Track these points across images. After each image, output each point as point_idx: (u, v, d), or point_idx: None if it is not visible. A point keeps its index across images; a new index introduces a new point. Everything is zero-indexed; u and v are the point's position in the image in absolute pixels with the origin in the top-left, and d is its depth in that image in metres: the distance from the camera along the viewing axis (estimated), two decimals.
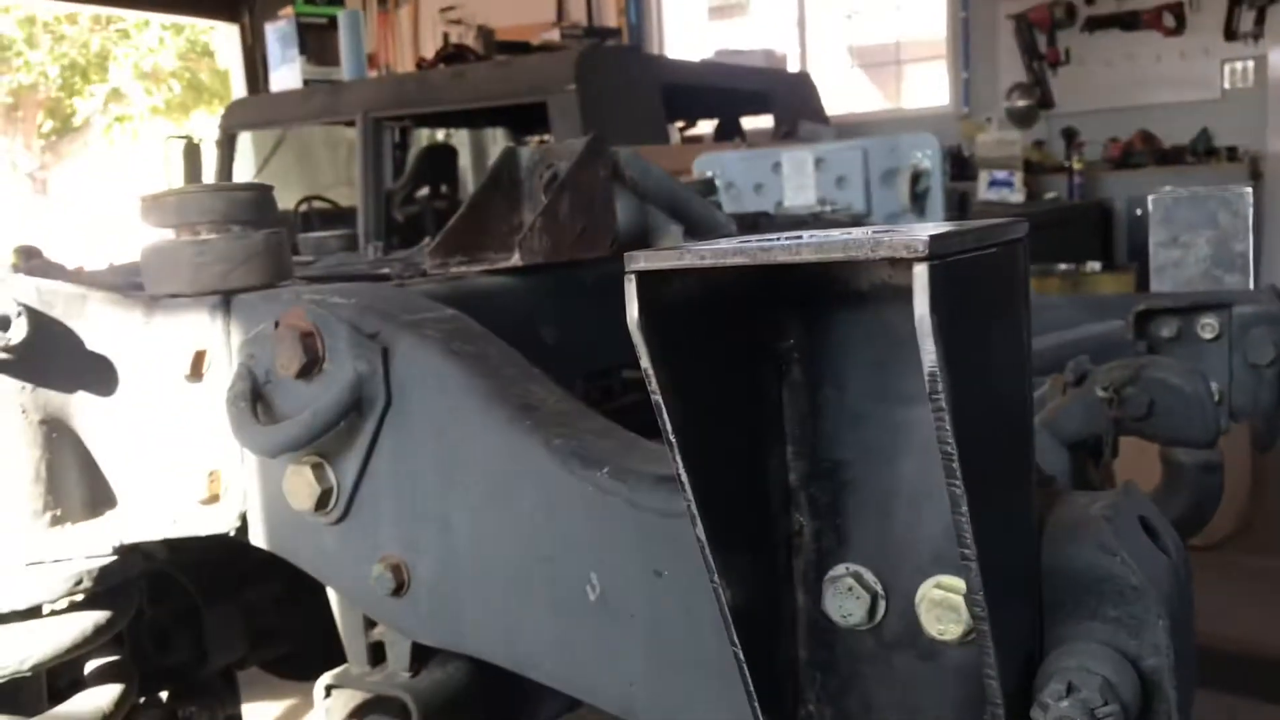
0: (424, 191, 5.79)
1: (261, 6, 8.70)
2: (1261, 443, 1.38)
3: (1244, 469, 3.92)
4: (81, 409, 0.87)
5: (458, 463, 0.77)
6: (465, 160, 7.75)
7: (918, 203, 2.43)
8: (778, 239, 0.46)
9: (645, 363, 0.46)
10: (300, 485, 0.83)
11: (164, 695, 1.16)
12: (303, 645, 1.15)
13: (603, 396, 1.27)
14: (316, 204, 6.22)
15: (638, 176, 1.36)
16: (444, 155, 5.98)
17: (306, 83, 5.87)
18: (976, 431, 0.42)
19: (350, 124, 5.47)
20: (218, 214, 0.90)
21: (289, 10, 6.06)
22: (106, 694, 0.93)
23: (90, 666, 0.96)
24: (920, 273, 0.39)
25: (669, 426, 0.46)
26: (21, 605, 0.83)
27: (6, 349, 0.80)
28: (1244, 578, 3.49)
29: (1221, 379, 1.39)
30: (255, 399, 0.84)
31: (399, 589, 0.81)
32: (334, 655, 1.02)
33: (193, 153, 5.75)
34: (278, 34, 6.01)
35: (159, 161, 6.56)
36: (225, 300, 0.89)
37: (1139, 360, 1.02)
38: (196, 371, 0.88)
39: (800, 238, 0.46)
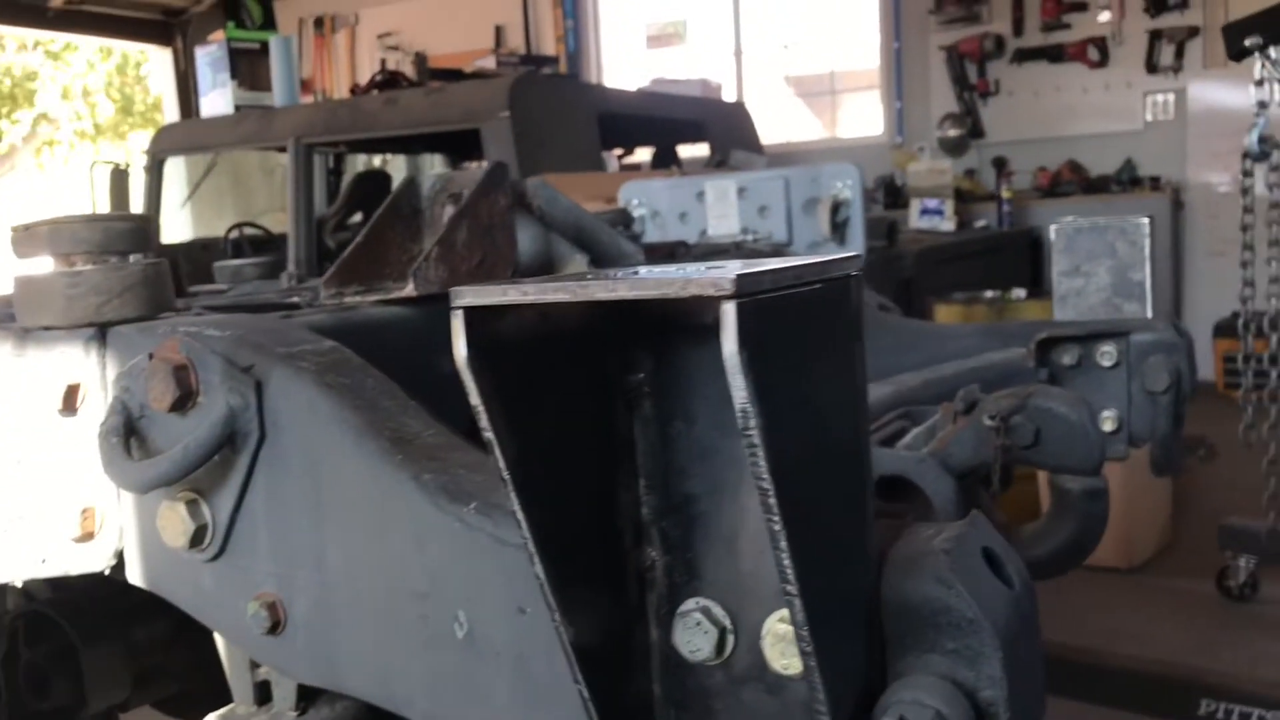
0: (357, 218, 5.74)
1: (194, 32, 8.62)
2: (1159, 468, 1.40)
3: (1165, 493, 4.01)
4: None
5: (331, 498, 0.76)
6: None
7: (838, 231, 2.45)
8: (604, 274, 0.46)
9: (475, 399, 0.45)
10: (174, 522, 0.81)
11: None
12: (190, 684, 1.12)
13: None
14: (248, 230, 6.13)
15: (544, 205, 1.36)
16: (377, 181, 5.93)
17: (238, 108, 5.81)
18: (798, 466, 0.42)
19: (282, 149, 5.43)
20: (93, 245, 0.88)
21: (220, 35, 6.00)
22: None
23: None
24: (728, 310, 0.39)
25: (502, 464, 0.46)
26: None
27: None
28: (1165, 599, 3.56)
29: (1121, 406, 1.42)
30: (129, 434, 0.82)
31: (275, 627, 0.79)
32: (222, 694, 1.00)
33: (119, 178, 5.66)
34: (209, 59, 5.95)
35: (86, 186, 6.45)
36: (101, 332, 0.87)
37: (1026, 389, 1.04)
38: (69, 405, 0.86)
39: (636, 272, 0.46)
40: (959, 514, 0.94)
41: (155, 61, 9.75)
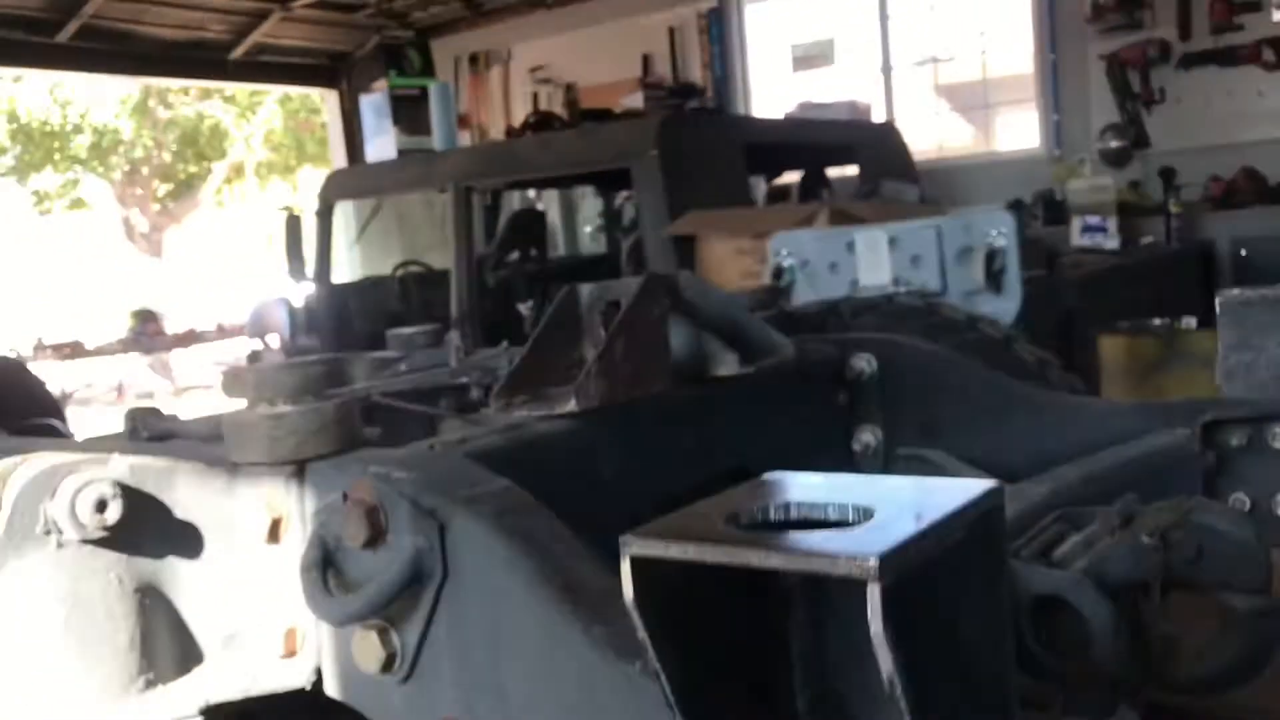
0: (514, 255, 5.94)
1: (357, 76, 9.06)
2: None
3: None
4: (171, 574, 0.95)
5: (508, 636, 0.82)
6: (555, 218, 7.91)
7: (993, 280, 2.42)
8: (759, 542, 0.50)
9: (641, 635, 0.50)
10: (367, 649, 0.89)
11: None
12: None
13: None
14: (413, 268, 6.42)
15: (696, 300, 1.41)
16: (532, 220, 6.13)
17: (401, 152, 6.09)
18: (944, 713, 0.45)
19: (443, 190, 5.66)
20: (292, 388, 0.97)
21: (383, 83, 6.30)
22: None
23: None
24: (873, 592, 0.42)
25: (667, 691, 0.50)
26: None
27: (104, 528, 0.88)
28: None
29: None
30: (326, 567, 0.90)
31: None
32: None
33: (294, 224, 6.00)
34: (372, 106, 6.25)
35: (266, 227, 6.87)
36: (300, 469, 0.96)
37: (1188, 502, 1.02)
38: (274, 536, 0.95)
39: (786, 538, 0.50)
40: (1116, 635, 0.94)
41: (326, 103, 10.28)
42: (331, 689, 0.95)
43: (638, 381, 1.18)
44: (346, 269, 6.86)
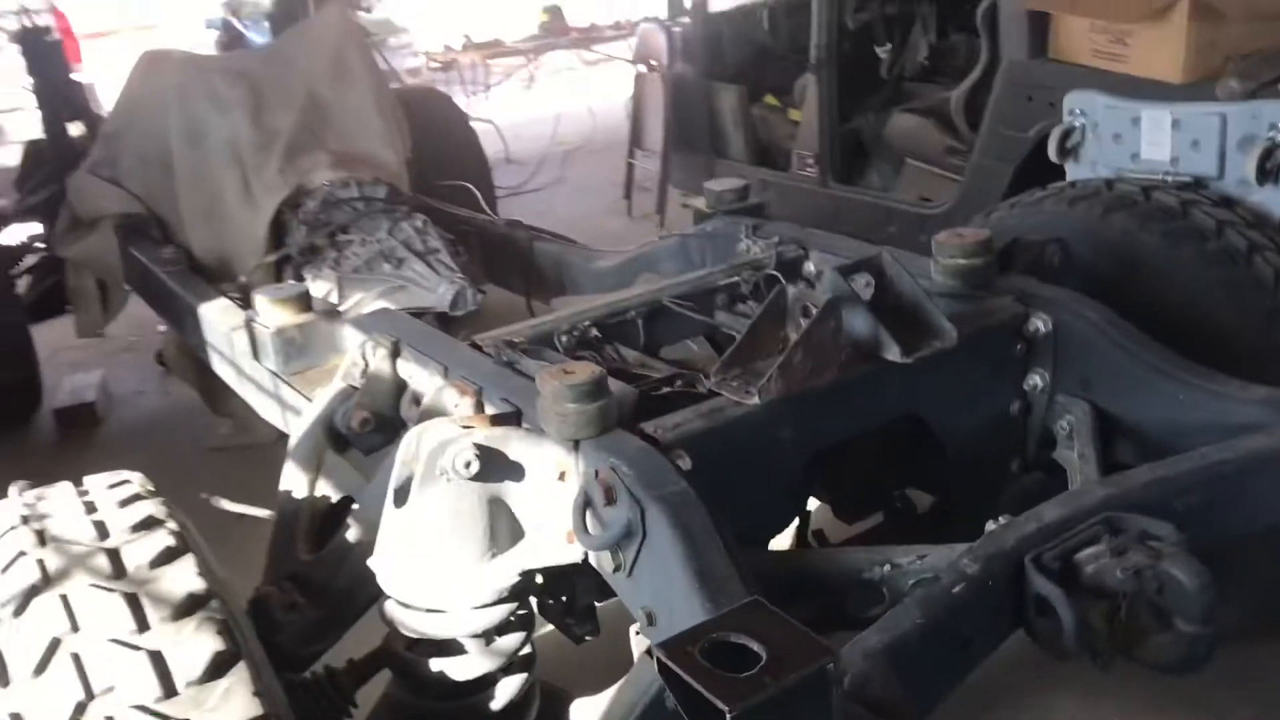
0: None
1: None
2: None
3: None
4: (508, 491, 1.65)
5: (673, 579, 1.44)
6: None
7: (1264, 175, 2.50)
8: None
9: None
10: (605, 560, 1.55)
11: None
12: None
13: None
14: None
15: (893, 278, 1.84)
16: None
17: None
18: None
19: None
20: (569, 397, 1.58)
21: None
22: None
23: None
24: None
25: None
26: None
27: (470, 475, 1.57)
28: None
29: None
30: (586, 509, 1.55)
31: (649, 622, 1.52)
32: None
33: None
34: None
35: None
36: (575, 443, 1.59)
37: (1168, 548, 1.40)
38: (561, 479, 1.62)
39: None
40: (1080, 633, 1.41)
41: None
42: (591, 568, 1.63)
43: (810, 378, 1.68)
44: None
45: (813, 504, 2.08)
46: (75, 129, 4.87)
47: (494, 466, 1.61)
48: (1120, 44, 4.43)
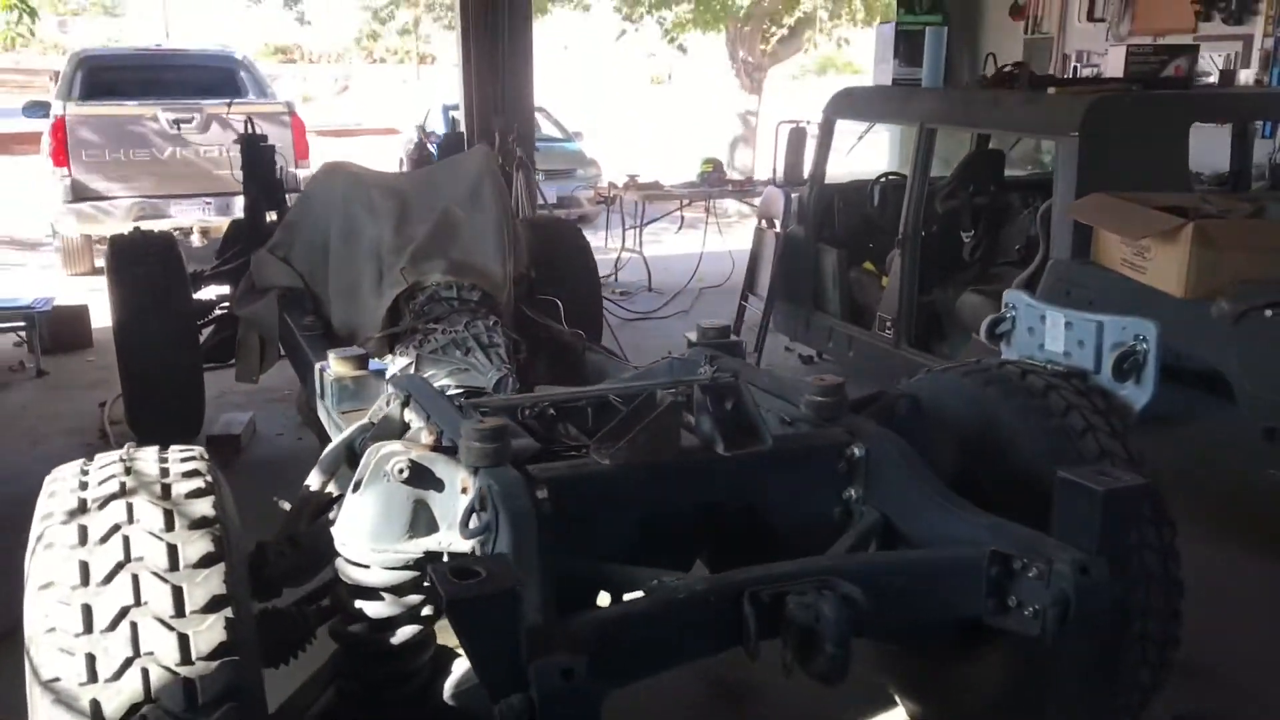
0: (969, 189, 6.64)
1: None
2: None
3: None
4: (432, 498, 2.41)
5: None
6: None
7: (1124, 376, 3.05)
8: None
9: None
10: (476, 544, 2.28)
11: None
12: None
13: None
14: (891, 178, 7.35)
15: (743, 402, 2.54)
16: (991, 159, 6.75)
17: (895, 82, 6.99)
18: None
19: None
20: (475, 437, 2.34)
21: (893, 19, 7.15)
22: None
23: None
24: None
25: None
26: None
27: (404, 480, 2.34)
28: None
29: None
30: (471, 513, 2.29)
31: None
32: None
33: (797, 136, 7.24)
34: (882, 35, 7.16)
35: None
36: (475, 469, 2.34)
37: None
38: (464, 491, 2.37)
39: None
40: (756, 651, 2.04)
41: None
42: None
43: (650, 454, 2.38)
44: (838, 172, 7.94)
45: None
46: (270, 216, 6.08)
47: (422, 477, 2.38)
48: (1141, 257, 5.02)
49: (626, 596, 2.27)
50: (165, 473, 2.29)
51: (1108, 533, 2.17)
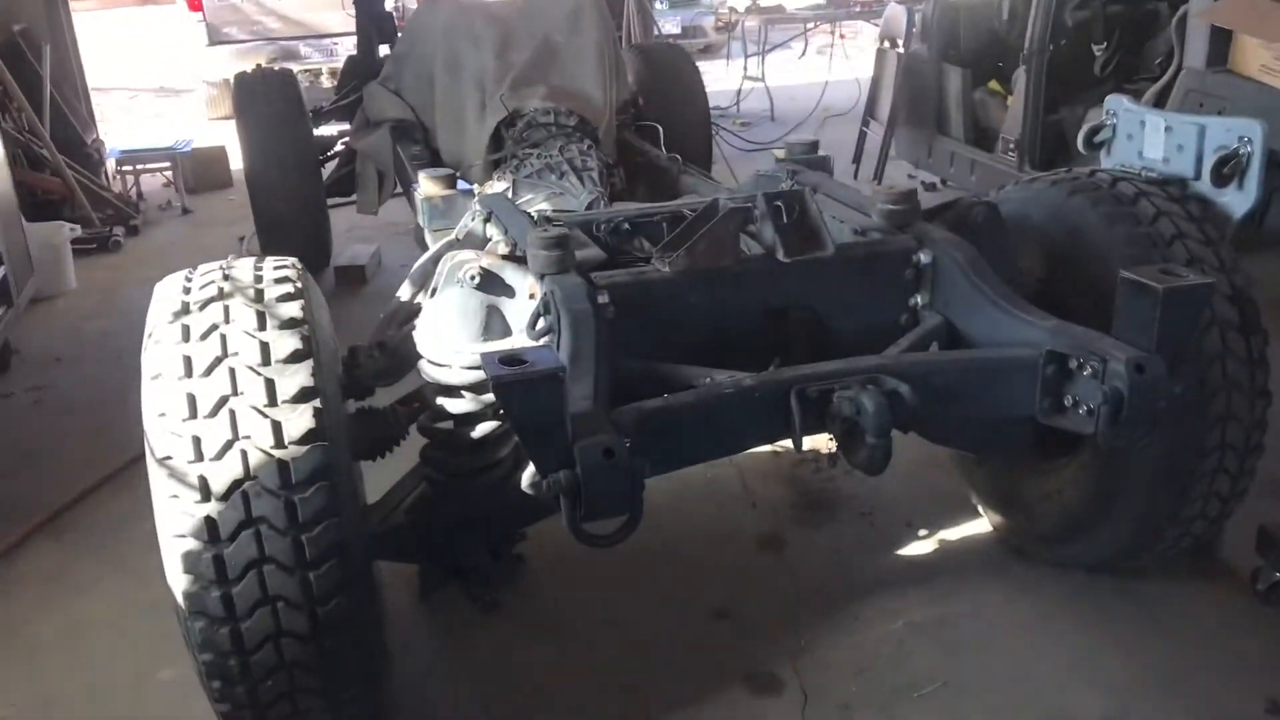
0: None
1: None
2: None
3: None
4: (504, 304, 2.53)
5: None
6: None
7: (1223, 181, 2.92)
8: None
9: None
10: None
11: None
12: None
13: None
14: None
15: (808, 209, 2.55)
16: None
17: None
18: None
19: None
20: (540, 245, 2.43)
21: None
22: None
23: None
24: None
25: None
26: None
27: (475, 285, 2.46)
28: None
29: None
30: (537, 316, 2.41)
31: None
32: None
33: None
34: None
35: None
36: (541, 275, 2.45)
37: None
38: (531, 296, 2.48)
39: None
40: (800, 443, 2.12)
41: None
42: None
43: (710, 260, 2.44)
44: None
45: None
46: (382, 50, 6.18)
47: (493, 284, 2.51)
48: None
49: None
50: (259, 279, 2.47)
51: (1166, 331, 2.14)
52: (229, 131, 9.21)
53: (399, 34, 6.17)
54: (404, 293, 2.94)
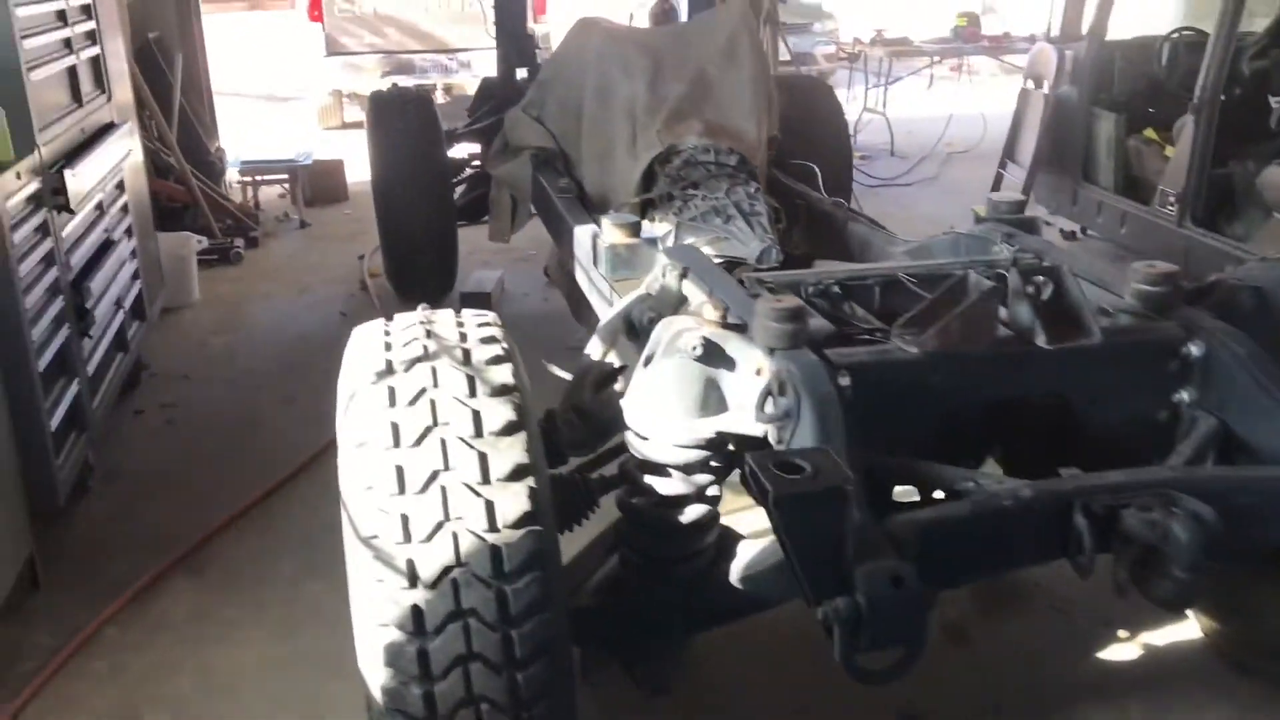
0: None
1: None
2: None
3: None
4: (723, 377, 2.30)
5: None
6: None
7: None
8: None
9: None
10: (773, 431, 2.17)
11: None
12: None
13: None
14: (1187, 34, 6.59)
15: (1068, 288, 2.29)
16: None
17: None
18: None
19: None
20: (772, 317, 2.20)
21: None
22: None
23: None
24: None
25: None
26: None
27: (696, 357, 2.24)
28: None
29: None
30: (767, 396, 2.18)
31: None
32: None
33: None
34: None
35: None
36: (771, 350, 2.22)
37: (1175, 511, 1.79)
38: (758, 374, 2.25)
39: None
40: (1089, 568, 1.86)
41: None
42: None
43: (963, 342, 2.19)
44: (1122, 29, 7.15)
45: None
46: (521, 73, 6.03)
47: (714, 356, 2.28)
48: None
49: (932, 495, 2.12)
50: (464, 337, 2.27)
51: None
52: (341, 143, 9.08)
53: (537, 58, 6.03)
54: (594, 350, 2.74)
